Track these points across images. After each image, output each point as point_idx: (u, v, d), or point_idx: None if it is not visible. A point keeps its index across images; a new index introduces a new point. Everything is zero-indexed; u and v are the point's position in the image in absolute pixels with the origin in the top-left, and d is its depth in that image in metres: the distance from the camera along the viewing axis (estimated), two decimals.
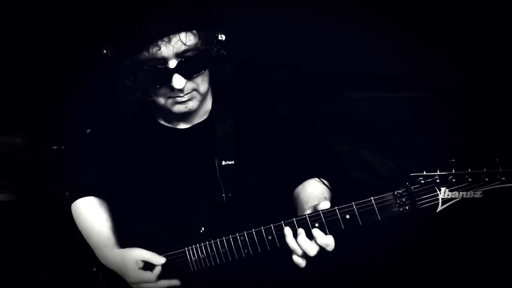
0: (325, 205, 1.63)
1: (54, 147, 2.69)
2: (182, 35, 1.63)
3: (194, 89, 1.76)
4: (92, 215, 1.98)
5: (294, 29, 2.59)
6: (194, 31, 1.66)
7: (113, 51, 1.69)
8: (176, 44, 1.63)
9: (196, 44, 1.67)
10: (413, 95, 2.72)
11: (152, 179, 1.95)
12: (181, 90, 1.72)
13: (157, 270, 1.78)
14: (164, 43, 1.63)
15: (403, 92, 2.73)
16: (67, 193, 2.10)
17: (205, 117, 1.95)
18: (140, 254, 1.80)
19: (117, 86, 1.76)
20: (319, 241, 1.61)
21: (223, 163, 1.89)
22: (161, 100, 1.77)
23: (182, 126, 1.95)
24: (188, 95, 1.75)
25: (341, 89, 2.79)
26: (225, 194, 1.88)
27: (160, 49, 1.63)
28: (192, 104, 1.78)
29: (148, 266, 1.80)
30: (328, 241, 1.61)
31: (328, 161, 2.06)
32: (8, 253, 2.49)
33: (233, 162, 1.90)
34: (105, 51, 1.70)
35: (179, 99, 1.75)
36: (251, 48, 2.46)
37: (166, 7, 1.61)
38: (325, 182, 1.93)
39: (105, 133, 2.02)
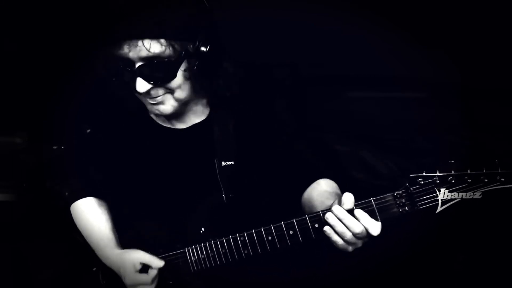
0: (349, 197, 1.62)
1: (54, 147, 2.69)
2: (146, 41, 1.62)
3: (168, 93, 1.75)
4: (92, 215, 1.98)
5: (294, 29, 2.59)
6: (162, 40, 1.63)
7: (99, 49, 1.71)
8: (139, 49, 1.63)
9: (162, 52, 1.64)
10: (413, 95, 2.72)
11: (151, 180, 1.94)
12: (147, 94, 1.72)
13: (153, 273, 1.77)
14: (128, 46, 1.63)
15: (403, 92, 2.73)
16: (67, 193, 2.10)
17: (203, 117, 1.94)
18: (139, 256, 1.80)
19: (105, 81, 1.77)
20: (363, 222, 1.60)
21: (223, 163, 1.89)
22: (140, 99, 1.78)
23: (180, 126, 1.94)
24: (158, 98, 1.75)
25: (341, 89, 2.78)
26: (225, 195, 1.87)
27: (124, 51, 1.63)
28: (164, 108, 1.78)
29: (146, 268, 1.80)
30: (371, 224, 1.60)
31: (329, 161, 2.06)
32: (8, 253, 2.49)
33: (232, 162, 1.89)
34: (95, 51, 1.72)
35: (150, 100, 1.75)
36: (251, 48, 2.46)
37: (137, 12, 1.60)
38: (332, 183, 1.94)
39: (104, 133, 2.02)
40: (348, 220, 1.60)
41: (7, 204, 2.66)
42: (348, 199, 1.62)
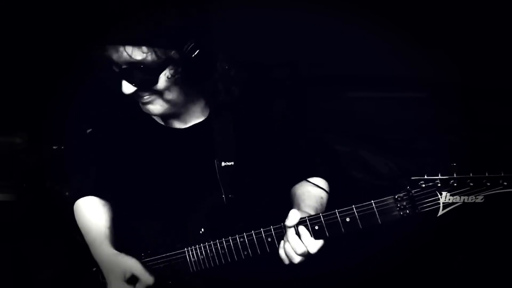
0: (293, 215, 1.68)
1: (54, 147, 2.69)
2: (128, 48, 1.61)
3: (155, 94, 1.74)
4: (91, 213, 1.98)
5: (294, 29, 2.58)
6: (143, 47, 1.62)
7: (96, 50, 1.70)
8: (122, 54, 1.63)
9: (144, 59, 1.63)
10: (413, 95, 2.72)
11: (151, 179, 1.95)
12: (134, 94, 1.72)
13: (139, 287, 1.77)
14: (112, 49, 1.64)
15: (403, 92, 2.73)
16: (67, 193, 2.10)
17: (203, 117, 1.94)
18: (133, 266, 1.78)
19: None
20: (303, 240, 1.66)
21: (223, 164, 1.89)
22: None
23: (180, 126, 1.94)
24: (145, 98, 1.75)
25: (341, 89, 2.78)
26: (225, 195, 1.87)
27: (109, 53, 1.64)
28: (153, 108, 1.77)
29: (134, 279, 1.78)
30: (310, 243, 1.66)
31: (328, 161, 2.06)
32: (8, 253, 2.49)
33: (232, 163, 1.89)
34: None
35: (139, 100, 1.76)
36: (251, 48, 2.45)
37: (122, 18, 1.60)
38: (322, 182, 1.95)
39: (105, 133, 2.02)
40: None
41: (7, 204, 2.66)
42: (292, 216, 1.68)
